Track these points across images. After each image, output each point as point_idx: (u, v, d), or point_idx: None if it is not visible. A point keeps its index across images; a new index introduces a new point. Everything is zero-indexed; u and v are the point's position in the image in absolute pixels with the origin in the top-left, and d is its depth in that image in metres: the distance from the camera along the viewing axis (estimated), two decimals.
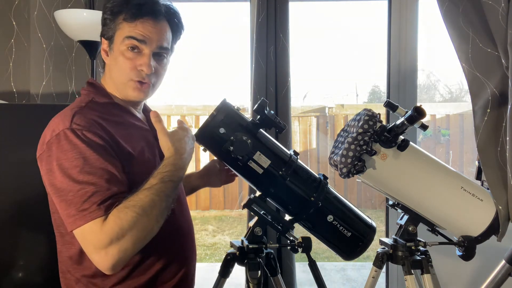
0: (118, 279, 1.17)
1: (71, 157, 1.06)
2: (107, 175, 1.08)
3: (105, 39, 1.23)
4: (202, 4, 3.07)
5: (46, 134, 1.14)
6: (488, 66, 1.71)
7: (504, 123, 1.69)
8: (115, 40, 1.19)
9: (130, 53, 1.18)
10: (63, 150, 1.07)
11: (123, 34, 1.18)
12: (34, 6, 2.43)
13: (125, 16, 1.18)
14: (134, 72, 1.20)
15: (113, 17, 1.20)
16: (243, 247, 1.52)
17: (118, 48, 1.19)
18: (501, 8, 1.64)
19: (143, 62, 1.19)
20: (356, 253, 1.52)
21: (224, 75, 9.07)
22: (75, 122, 1.10)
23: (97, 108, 1.18)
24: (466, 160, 5.97)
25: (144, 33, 1.18)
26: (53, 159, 1.08)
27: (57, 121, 1.14)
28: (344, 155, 1.51)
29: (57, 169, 1.07)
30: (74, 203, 1.05)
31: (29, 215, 1.92)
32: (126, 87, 1.22)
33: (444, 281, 2.17)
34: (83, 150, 1.07)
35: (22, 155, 1.92)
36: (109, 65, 1.24)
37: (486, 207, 1.60)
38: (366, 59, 9.91)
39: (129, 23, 1.18)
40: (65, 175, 1.06)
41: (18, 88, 2.44)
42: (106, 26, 1.22)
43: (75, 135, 1.08)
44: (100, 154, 1.08)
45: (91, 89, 1.24)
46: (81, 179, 1.05)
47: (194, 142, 1.27)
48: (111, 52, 1.22)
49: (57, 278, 1.27)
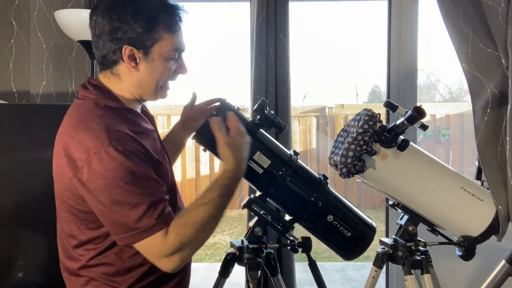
0: (139, 275, 1.20)
1: (119, 175, 1.06)
2: (156, 185, 1.12)
3: (138, 48, 1.16)
4: (202, 4, 3.07)
5: (75, 152, 1.09)
6: (488, 66, 1.71)
7: (504, 123, 1.69)
8: (155, 50, 1.17)
9: (173, 62, 1.22)
10: (109, 168, 1.06)
11: (169, 46, 1.18)
12: (34, 6, 2.43)
13: (166, 26, 1.17)
14: (173, 75, 1.25)
15: (151, 27, 1.15)
16: (243, 247, 1.52)
17: (161, 57, 1.18)
18: (501, 8, 1.64)
19: (184, 67, 1.25)
20: (356, 253, 1.52)
21: (224, 75, 9.07)
22: (112, 139, 1.08)
23: (116, 117, 1.15)
24: (466, 160, 5.97)
25: (182, 43, 1.22)
26: (98, 177, 1.06)
27: (87, 138, 1.09)
28: (344, 155, 1.51)
29: (107, 186, 1.06)
30: (132, 218, 1.07)
31: (29, 215, 1.92)
32: (157, 91, 1.24)
33: (444, 281, 2.18)
34: (129, 166, 1.07)
35: (22, 155, 1.92)
36: (135, 73, 1.19)
37: (486, 207, 1.60)
38: (366, 59, 9.92)
39: (171, 33, 1.18)
40: (117, 192, 1.06)
41: (18, 88, 2.44)
42: (139, 36, 1.15)
43: (116, 151, 1.06)
44: (144, 166, 1.10)
45: (98, 93, 1.20)
46: (134, 193, 1.07)
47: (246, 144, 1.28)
48: (148, 61, 1.18)
49: (57, 278, 1.27)
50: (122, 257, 1.18)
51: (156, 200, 1.10)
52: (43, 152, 1.92)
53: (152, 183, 1.11)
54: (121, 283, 1.19)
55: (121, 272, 1.18)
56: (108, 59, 1.18)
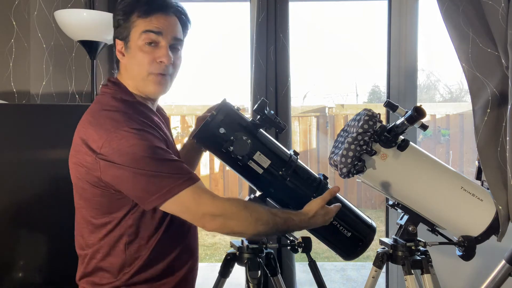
0: (140, 267, 1.24)
1: (141, 148, 1.12)
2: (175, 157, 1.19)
3: (120, 40, 1.26)
4: (202, 4, 3.07)
5: (93, 135, 1.15)
6: (488, 66, 1.70)
7: (504, 123, 1.69)
8: (131, 38, 1.23)
9: (148, 48, 1.22)
10: (130, 144, 1.11)
11: (139, 30, 1.22)
12: (34, 6, 2.43)
13: (139, 13, 1.22)
14: (153, 65, 1.23)
15: (126, 17, 1.23)
16: (243, 247, 1.52)
17: (136, 44, 1.23)
18: (501, 8, 1.64)
19: (162, 54, 1.23)
20: (356, 253, 1.52)
21: (224, 75, 9.07)
22: (130, 122, 1.15)
23: (131, 108, 1.21)
24: (466, 160, 5.97)
25: (159, 26, 1.23)
26: (123, 152, 1.11)
27: (106, 122, 1.15)
28: (344, 155, 1.51)
29: (132, 158, 1.11)
30: (168, 174, 1.14)
31: (29, 215, 1.92)
32: (146, 82, 1.25)
33: (444, 281, 2.17)
34: (148, 140, 1.14)
35: (22, 155, 1.92)
36: (126, 65, 1.27)
37: (486, 207, 1.60)
38: (366, 59, 9.92)
39: (143, 19, 1.22)
40: (143, 161, 1.12)
41: (18, 88, 2.44)
42: (120, 27, 1.25)
43: (134, 130, 1.13)
44: (161, 143, 1.17)
45: (116, 88, 1.26)
46: (160, 159, 1.14)
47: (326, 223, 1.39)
48: (128, 51, 1.25)
49: (57, 278, 1.27)
50: (130, 248, 1.22)
51: (178, 162, 1.18)
52: (43, 152, 1.92)
53: (168, 153, 1.17)
54: (124, 275, 1.23)
55: (127, 264, 1.23)
56: (115, 57, 1.29)
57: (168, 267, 1.27)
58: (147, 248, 1.23)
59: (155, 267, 1.25)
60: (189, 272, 1.34)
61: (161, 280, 1.27)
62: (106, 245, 1.23)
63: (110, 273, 1.24)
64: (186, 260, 1.33)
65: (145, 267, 1.24)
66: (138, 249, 1.23)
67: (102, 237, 1.23)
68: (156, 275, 1.26)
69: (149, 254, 1.24)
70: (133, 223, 1.21)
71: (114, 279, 1.24)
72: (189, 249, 1.35)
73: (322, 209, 1.35)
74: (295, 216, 1.31)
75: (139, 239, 1.22)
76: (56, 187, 1.86)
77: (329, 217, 1.38)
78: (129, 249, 1.23)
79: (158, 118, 1.31)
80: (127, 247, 1.22)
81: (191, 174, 1.18)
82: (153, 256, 1.24)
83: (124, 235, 1.22)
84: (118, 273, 1.23)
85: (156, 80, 1.25)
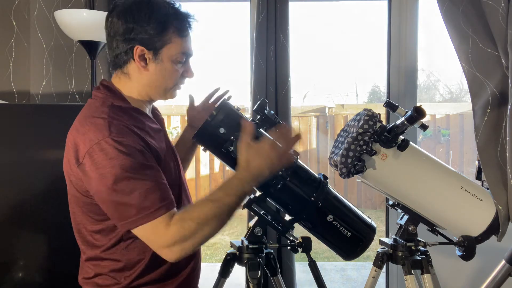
0: (142, 270, 1.24)
1: (119, 163, 1.10)
2: (157, 173, 1.16)
3: (148, 49, 1.23)
4: (202, 4, 3.07)
5: (80, 144, 1.15)
6: (488, 66, 1.70)
7: (504, 123, 1.69)
8: (165, 52, 1.24)
9: (180, 64, 1.28)
10: (109, 157, 1.11)
11: (178, 49, 1.25)
12: (34, 6, 2.43)
13: (175, 29, 1.24)
14: (181, 79, 1.31)
15: (162, 29, 1.23)
16: (243, 247, 1.52)
17: (170, 59, 1.25)
18: (501, 8, 1.64)
19: (191, 71, 1.32)
20: (356, 253, 1.52)
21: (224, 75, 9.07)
22: (112, 132, 1.14)
23: (121, 114, 1.21)
24: (466, 160, 5.97)
25: (191, 48, 1.30)
26: (99, 166, 1.11)
27: (90, 130, 1.15)
28: (344, 155, 1.51)
29: (107, 174, 1.10)
30: (133, 203, 1.11)
31: (29, 215, 1.92)
32: (170, 91, 1.31)
33: (444, 281, 2.17)
34: (128, 155, 1.12)
35: (22, 155, 1.92)
36: (146, 72, 1.26)
37: (486, 207, 1.60)
38: (366, 59, 9.90)
39: (181, 38, 1.25)
40: (117, 179, 1.10)
41: (18, 88, 2.44)
42: (150, 37, 1.22)
43: (115, 142, 1.12)
44: (143, 157, 1.15)
45: (108, 93, 1.26)
46: (135, 180, 1.11)
47: (294, 161, 1.30)
48: (157, 61, 1.25)
49: (57, 278, 1.27)
50: (129, 252, 1.23)
51: (156, 187, 1.14)
52: (43, 152, 1.92)
53: (152, 171, 1.15)
54: (125, 278, 1.23)
55: (127, 267, 1.23)
56: (120, 58, 1.26)
57: (171, 269, 1.27)
58: (148, 251, 1.22)
59: (157, 269, 1.25)
60: (192, 272, 1.34)
61: (165, 281, 1.27)
62: (105, 250, 1.23)
63: (110, 276, 1.24)
64: (188, 260, 1.32)
65: (148, 270, 1.24)
66: (138, 253, 1.23)
67: (100, 241, 1.23)
68: (159, 277, 1.26)
69: (151, 257, 1.23)
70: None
71: (116, 281, 1.23)
72: None
73: (249, 151, 1.20)
74: (234, 179, 1.20)
75: (138, 243, 1.21)
76: (56, 187, 1.86)
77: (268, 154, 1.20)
78: (128, 253, 1.23)
79: (153, 123, 1.32)
80: (126, 251, 1.22)
81: (160, 204, 1.13)
82: (154, 258, 1.23)
83: (121, 241, 1.22)
84: (119, 276, 1.23)
85: (177, 91, 1.33)
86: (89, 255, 1.26)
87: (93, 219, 1.22)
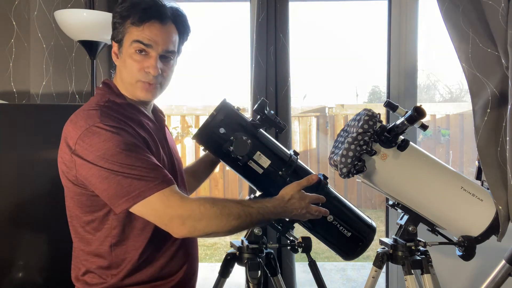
0: (129, 270, 1.23)
1: (112, 144, 1.12)
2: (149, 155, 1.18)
3: (115, 42, 1.28)
4: (202, 4, 3.07)
5: (71, 132, 1.17)
6: (488, 66, 1.70)
7: (504, 123, 1.69)
8: (124, 43, 1.25)
9: (137, 56, 1.24)
10: (104, 139, 1.12)
11: (131, 38, 1.24)
12: (34, 6, 2.43)
13: (133, 20, 1.23)
14: (141, 73, 1.25)
15: (122, 21, 1.25)
16: (243, 247, 1.52)
17: (127, 51, 1.25)
18: (501, 8, 1.64)
19: (150, 65, 1.24)
20: (356, 253, 1.52)
21: (224, 75, 9.06)
22: (103, 119, 1.16)
23: (116, 108, 1.23)
24: (466, 160, 5.97)
25: (150, 37, 1.23)
26: (95, 148, 1.12)
27: (82, 118, 1.17)
28: (344, 155, 1.51)
29: (103, 155, 1.12)
30: (141, 175, 1.12)
31: (29, 215, 1.92)
32: (134, 88, 1.27)
33: (444, 281, 2.17)
34: (120, 136, 1.14)
35: (22, 155, 1.92)
36: (119, 67, 1.29)
37: (486, 207, 1.60)
38: (366, 59, 9.90)
39: (136, 27, 1.23)
40: (114, 158, 1.12)
41: (18, 88, 2.44)
42: (116, 30, 1.27)
43: (105, 125, 1.14)
44: (133, 139, 1.17)
45: (106, 89, 1.28)
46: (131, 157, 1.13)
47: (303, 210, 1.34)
48: (120, 55, 1.27)
49: (57, 278, 1.27)
50: (116, 250, 1.22)
51: (157, 164, 1.17)
52: (43, 152, 1.92)
53: (145, 152, 1.17)
54: (112, 277, 1.23)
55: (113, 266, 1.23)
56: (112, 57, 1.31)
57: (160, 271, 1.26)
58: (135, 250, 1.22)
59: (145, 270, 1.24)
60: (186, 277, 1.32)
61: (155, 282, 1.26)
62: (93, 243, 1.23)
63: (97, 274, 1.24)
64: (180, 264, 1.31)
65: (135, 270, 1.23)
66: (124, 251, 1.22)
67: (90, 234, 1.23)
68: (149, 279, 1.25)
69: (138, 257, 1.22)
70: (118, 225, 1.21)
71: (102, 280, 1.23)
72: (185, 253, 1.33)
73: (297, 193, 1.31)
74: (268, 202, 1.27)
75: (125, 241, 1.22)
76: (56, 187, 1.85)
77: (306, 203, 1.33)
78: (115, 250, 1.22)
79: (150, 120, 1.32)
80: (113, 249, 1.22)
81: (165, 177, 1.16)
82: (142, 259, 1.23)
83: (109, 237, 1.22)
84: (105, 274, 1.23)
85: (144, 87, 1.27)
86: (80, 249, 1.26)
87: (83, 210, 1.22)
